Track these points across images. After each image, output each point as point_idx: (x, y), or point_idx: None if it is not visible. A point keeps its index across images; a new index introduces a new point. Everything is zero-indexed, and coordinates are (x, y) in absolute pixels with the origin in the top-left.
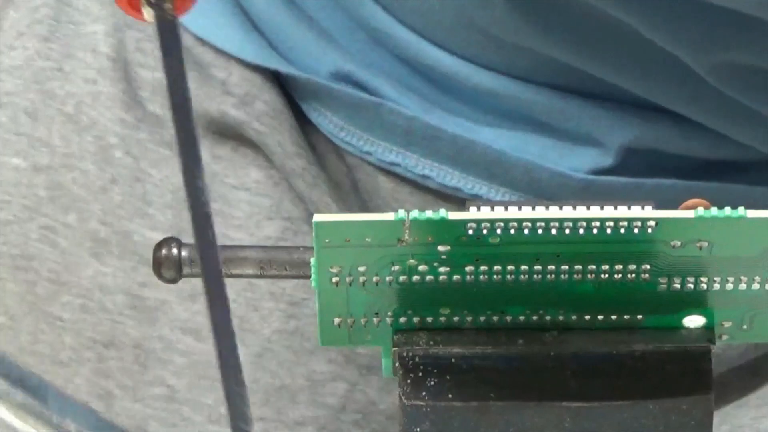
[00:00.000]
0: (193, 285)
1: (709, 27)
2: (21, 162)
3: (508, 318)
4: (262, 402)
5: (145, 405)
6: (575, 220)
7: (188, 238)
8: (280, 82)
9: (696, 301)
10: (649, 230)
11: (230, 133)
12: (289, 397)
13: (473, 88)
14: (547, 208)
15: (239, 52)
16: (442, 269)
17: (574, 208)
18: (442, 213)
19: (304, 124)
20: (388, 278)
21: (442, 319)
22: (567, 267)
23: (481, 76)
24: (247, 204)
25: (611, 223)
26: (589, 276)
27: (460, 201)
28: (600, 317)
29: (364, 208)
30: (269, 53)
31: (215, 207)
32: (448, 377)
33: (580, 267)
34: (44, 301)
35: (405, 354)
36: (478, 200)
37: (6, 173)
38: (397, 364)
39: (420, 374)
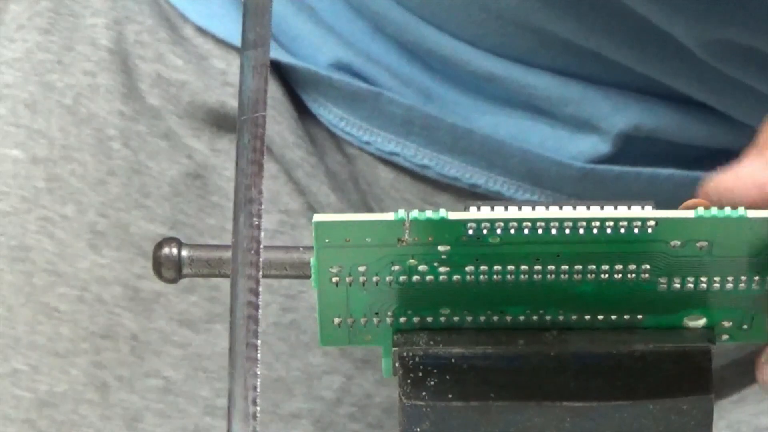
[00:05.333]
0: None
1: (706, 4)
2: (20, 154)
3: (508, 318)
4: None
5: (141, 396)
6: (575, 220)
7: (185, 229)
8: (280, 72)
9: (696, 301)
10: (649, 230)
11: (229, 125)
12: (284, 389)
13: (472, 73)
14: (547, 208)
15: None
16: (442, 269)
17: (574, 208)
18: (442, 213)
19: (303, 115)
20: (388, 278)
21: (442, 319)
22: (567, 267)
23: (481, 59)
24: None
25: (611, 223)
26: (589, 276)
27: (459, 191)
28: (600, 317)
29: (363, 199)
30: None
31: (213, 200)
32: (448, 377)
33: (580, 267)
34: (41, 292)
35: (405, 354)
36: (478, 195)
37: (5, 165)
38: (397, 364)
39: (420, 374)
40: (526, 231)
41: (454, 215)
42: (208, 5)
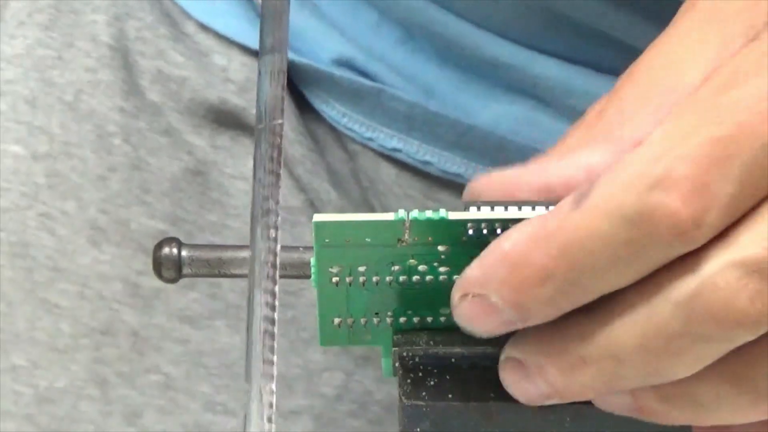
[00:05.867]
0: None
1: None
2: (20, 150)
3: None
4: None
5: (140, 392)
6: None
7: (185, 226)
8: None
9: None
10: None
11: (230, 122)
12: (284, 386)
13: (478, 59)
14: (546, 207)
15: (241, 38)
16: (442, 269)
17: None
18: (442, 213)
19: (304, 111)
20: (388, 278)
21: (442, 319)
22: None
23: (488, 43)
24: (245, 193)
25: None
26: None
27: (461, 188)
28: None
29: (364, 196)
30: None
31: (213, 196)
32: (448, 377)
33: None
34: (42, 288)
35: (405, 354)
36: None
37: (5, 161)
38: (397, 364)
39: (420, 374)
40: None
41: (454, 215)
42: (210, 2)
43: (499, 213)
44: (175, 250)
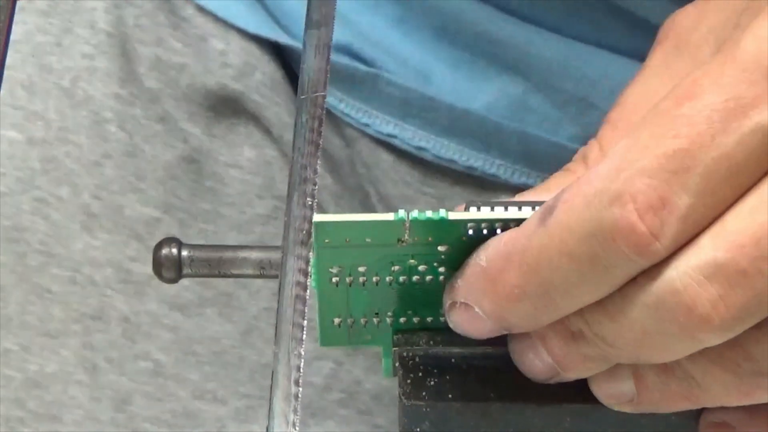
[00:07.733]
0: None
1: None
2: (16, 135)
3: None
4: (248, 379)
5: (130, 379)
6: None
7: (179, 213)
8: (279, 54)
9: None
10: None
11: (226, 110)
12: None
13: (474, 35)
14: None
15: (240, 22)
16: (442, 269)
17: None
18: (442, 213)
19: None
20: (388, 278)
21: (442, 319)
22: None
23: (485, 18)
24: (239, 182)
25: None
26: None
27: (456, 174)
28: None
29: (359, 183)
30: (270, 24)
31: (207, 184)
32: (448, 377)
33: None
34: (34, 273)
35: (405, 354)
36: (475, 178)
37: (1, 146)
38: (397, 364)
39: (420, 374)
40: None
41: (454, 215)
42: None
43: (499, 213)
44: (174, 250)
